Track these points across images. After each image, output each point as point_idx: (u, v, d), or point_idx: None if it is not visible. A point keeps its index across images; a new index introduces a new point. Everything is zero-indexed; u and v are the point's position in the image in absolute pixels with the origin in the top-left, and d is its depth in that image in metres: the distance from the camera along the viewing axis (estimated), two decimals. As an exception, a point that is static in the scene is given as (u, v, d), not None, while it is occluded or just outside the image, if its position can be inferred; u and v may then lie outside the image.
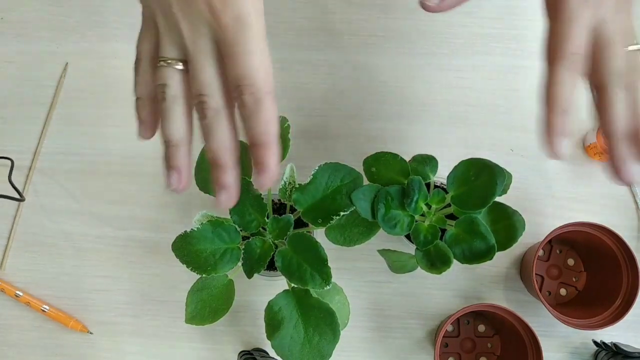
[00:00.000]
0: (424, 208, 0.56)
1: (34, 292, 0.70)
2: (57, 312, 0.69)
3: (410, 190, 0.54)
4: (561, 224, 0.62)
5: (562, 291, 0.69)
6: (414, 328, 0.69)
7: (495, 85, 0.73)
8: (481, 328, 0.68)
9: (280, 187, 0.56)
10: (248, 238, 0.54)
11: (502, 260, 0.70)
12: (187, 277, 0.55)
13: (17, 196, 0.68)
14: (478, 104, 0.73)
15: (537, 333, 0.60)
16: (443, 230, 0.56)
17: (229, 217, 0.54)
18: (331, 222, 0.54)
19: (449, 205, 0.56)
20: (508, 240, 0.55)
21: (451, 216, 0.57)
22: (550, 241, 0.69)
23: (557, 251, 0.69)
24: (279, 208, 0.62)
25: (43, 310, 0.69)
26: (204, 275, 0.53)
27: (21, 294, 0.69)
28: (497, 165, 0.53)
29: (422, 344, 0.68)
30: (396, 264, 0.62)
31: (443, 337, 0.67)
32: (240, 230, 0.54)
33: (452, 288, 0.69)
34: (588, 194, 0.71)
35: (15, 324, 0.70)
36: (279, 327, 0.52)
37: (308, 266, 0.52)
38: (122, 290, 0.70)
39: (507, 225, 0.56)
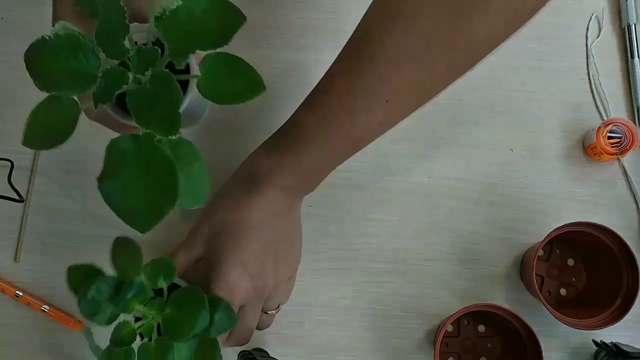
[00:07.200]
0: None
1: (34, 292, 0.70)
2: (57, 312, 0.69)
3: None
4: (561, 224, 0.62)
5: (562, 291, 0.69)
6: (414, 328, 0.68)
7: (495, 85, 0.73)
8: (481, 328, 0.68)
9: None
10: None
11: (502, 260, 0.70)
12: (187, 277, 0.55)
13: (16, 197, 0.68)
14: (478, 104, 0.73)
15: (537, 333, 0.60)
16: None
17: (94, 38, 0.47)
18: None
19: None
20: None
21: None
22: (550, 241, 0.69)
23: (557, 251, 0.69)
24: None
25: (43, 310, 0.68)
26: (53, 93, 0.47)
27: (21, 294, 0.69)
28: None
29: (422, 344, 0.68)
30: None
31: (443, 337, 0.67)
32: (101, 55, 0.47)
33: (452, 288, 0.69)
34: (588, 194, 0.71)
35: (15, 324, 0.70)
36: (116, 173, 0.46)
37: (159, 108, 0.45)
38: (122, 290, 0.70)
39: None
